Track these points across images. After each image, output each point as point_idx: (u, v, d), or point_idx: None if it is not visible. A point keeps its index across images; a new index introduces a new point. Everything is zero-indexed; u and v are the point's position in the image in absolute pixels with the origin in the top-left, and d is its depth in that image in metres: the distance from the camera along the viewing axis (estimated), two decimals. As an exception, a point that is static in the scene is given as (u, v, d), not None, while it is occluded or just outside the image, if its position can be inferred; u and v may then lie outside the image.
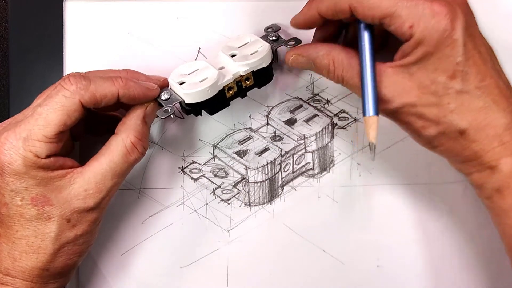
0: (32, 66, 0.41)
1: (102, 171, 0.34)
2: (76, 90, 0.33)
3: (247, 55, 0.37)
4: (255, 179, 0.42)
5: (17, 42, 0.41)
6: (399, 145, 0.42)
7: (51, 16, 0.41)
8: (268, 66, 0.38)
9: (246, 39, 0.39)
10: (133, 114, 0.36)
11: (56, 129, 0.32)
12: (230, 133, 0.42)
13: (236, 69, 0.37)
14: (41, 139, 0.32)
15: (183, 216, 0.42)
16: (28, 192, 0.33)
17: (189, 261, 0.42)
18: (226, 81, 0.37)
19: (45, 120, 0.32)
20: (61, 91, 0.33)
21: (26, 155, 0.32)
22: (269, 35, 0.39)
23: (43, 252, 0.34)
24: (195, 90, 0.36)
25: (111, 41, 0.42)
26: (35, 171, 0.33)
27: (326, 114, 0.42)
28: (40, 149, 0.32)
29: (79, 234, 0.35)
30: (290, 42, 0.39)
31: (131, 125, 0.35)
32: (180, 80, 0.37)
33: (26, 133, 0.32)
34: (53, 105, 0.33)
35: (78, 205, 0.34)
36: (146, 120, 0.36)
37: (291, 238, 0.42)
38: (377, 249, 0.42)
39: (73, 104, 0.33)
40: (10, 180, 0.33)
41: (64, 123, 0.33)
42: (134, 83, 0.35)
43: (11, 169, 0.32)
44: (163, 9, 0.42)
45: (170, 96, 0.37)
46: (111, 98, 0.34)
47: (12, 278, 0.34)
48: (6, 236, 0.34)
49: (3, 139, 0.33)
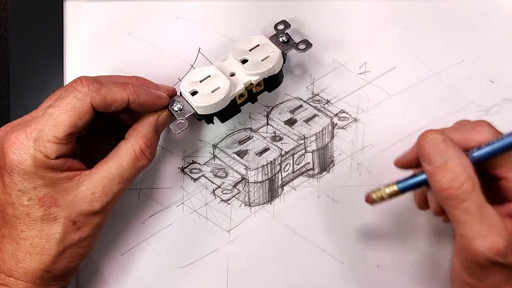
0: (32, 66, 0.41)
1: (110, 175, 0.34)
2: (87, 92, 0.33)
3: (258, 62, 0.37)
4: (255, 179, 0.42)
5: (17, 42, 0.41)
6: (398, 145, 0.42)
7: (51, 16, 0.41)
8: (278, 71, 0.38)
9: (256, 40, 0.38)
10: (145, 121, 0.36)
11: (67, 130, 0.32)
12: (230, 133, 0.42)
13: (247, 78, 0.37)
14: (52, 139, 0.32)
15: (183, 216, 0.42)
16: (36, 192, 0.33)
17: (189, 261, 0.42)
18: (237, 91, 0.37)
19: (56, 121, 0.32)
20: (72, 93, 0.33)
21: (37, 155, 0.32)
22: (280, 35, 0.39)
23: (47, 254, 0.34)
24: (207, 104, 0.36)
25: (111, 41, 0.42)
26: (44, 172, 0.33)
27: (326, 114, 0.42)
28: (50, 150, 0.32)
29: (83, 237, 0.35)
30: (301, 45, 0.39)
31: (142, 131, 0.36)
32: (192, 89, 0.37)
33: (37, 133, 0.32)
34: (64, 106, 0.33)
35: (85, 207, 0.34)
36: (157, 128, 0.36)
37: (291, 238, 0.42)
38: (377, 249, 0.42)
39: (84, 106, 0.33)
40: (18, 180, 0.33)
41: (75, 125, 0.33)
42: (144, 90, 0.35)
43: (20, 169, 0.32)
44: (163, 9, 0.42)
45: (183, 106, 0.37)
46: (121, 103, 0.34)
47: (14, 279, 0.34)
48: (11, 236, 0.34)
49: (13, 139, 0.32)
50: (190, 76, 0.37)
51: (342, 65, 0.42)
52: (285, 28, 0.39)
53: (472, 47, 0.41)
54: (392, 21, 0.42)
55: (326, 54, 0.42)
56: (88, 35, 0.42)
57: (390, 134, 0.42)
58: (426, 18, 0.42)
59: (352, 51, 0.42)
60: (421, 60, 0.42)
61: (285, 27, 0.39)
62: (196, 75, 0.37)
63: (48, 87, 0.41)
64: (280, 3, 0.42)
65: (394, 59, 0.42)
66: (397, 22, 0.42)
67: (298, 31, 0.42)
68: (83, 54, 0.42)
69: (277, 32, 0.39)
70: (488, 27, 0.42)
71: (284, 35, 0.39)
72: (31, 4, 0.41)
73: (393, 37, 0.42)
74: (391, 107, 0.42)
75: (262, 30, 0.42)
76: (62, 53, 0.41)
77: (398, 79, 0.42)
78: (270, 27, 0.42)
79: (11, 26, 0.41)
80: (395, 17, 0.42)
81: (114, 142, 0.36)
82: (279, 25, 0.40)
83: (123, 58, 0.42)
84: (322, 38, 0.42)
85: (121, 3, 0.42)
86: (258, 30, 0.42)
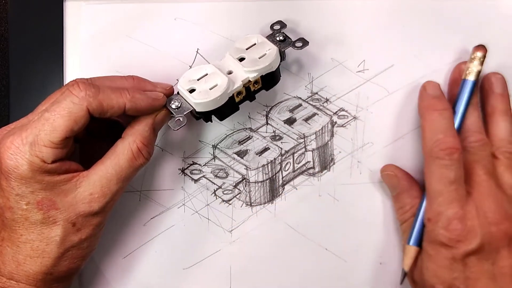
0: (32, 66, 0.41)
1: (107, 175, 0.34)
2: (84, 97, 0.33)
3: (256, 60, 0.37)
4: (255, 179, 0.42)
5: (17, 42, 0.41)
6: (399, 142, 0.42)
7: (51, 16, 0.41)
8: (276, 69, 0.38)
9: (253, 40, 0.38)
10: (142, 120, 0.36)
11: (63, 135, 0.32)
12: (229, 134, 0.42)
13: (245, 75, 0.37)
14: (48, 144, 0.32)
15: (184, 218, 0.42)
16: (34, 196, 0.33)
17: (192, 263, 0.42)
18: (235, 88, 0.37)
19: (52, 126, 0.32)
20: (69, 97, 0.33)
21: (33, 160, 0.32)
22: (276, 34, 0.39)
23: (48, 256, 0.34)
24: (206, 100, 0.36)
25: (111, 43, 0.42)
26: (41, 176, 0.32)
27: (326, 113, 0.42)
28: (46, 155, 0.32)
29: (84, 238, 0.35)
30: (298, 43, 0.39)
31: (139, 130, 0.35)
32: (189, 87, 0.37)
33: (33, 138, 0.32)
34: (60, 111, 0.32)
35: (83, 209, 0.34)
36: (154, 126, 0.36)
37: (293, 237, 0.42)
38: (379, 246, 0.42)
39: (80, 111, 0.32)
40: (15, 185, 0.32)
41: (71, 129, 0.32)
42: (141, 95, 0.35)
43: (17, 174, 0.32)
44: (162, 11, 0.42)
45: (181, 104, 0.37)
46: (117, 110, 0.34)
47: (16, 282, 0.33)
48: (10, 240, 0.34)
49: (8, 143, 0.32)
50: (188, 74, 0.37)
51: (341, 64, 0.42)
52: (281, 28, 0.39)
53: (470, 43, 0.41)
54: (390, 19, 0.43)
55: (324, 53, 0.42)
56: (88, 36, 0.42)
57: (390, 131, 0.42)
58: (424, 16, 0.42)
59: (350, 49, 0.42)
60: (419, 57, 0.42)
61: (281, 27, 0.40)
62: (194, 73, 0.37)
63: (48, 87, 0.41)
64: (278, 3, 0.42)
65: (392, 56, 0.42)
66: (396, 20, 0.42)
67: (295, 30, 0.42)
68: (83, 55, 0.41)
69: (273, 31, 0.39)
70: (486, 25, 0.42)
71: (281, 34, 0.39)
72: (31, 4, 0.41)
73: (392, 35, 0.42)
74: (390, 104, 0.42)
75: (260, 30, 0.42)
76: (62, 53, 0.41)
77: (397, 76, 0.42)
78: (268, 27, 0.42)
79: (11, 26, 0.41)
80: (394, 15, 0.43)
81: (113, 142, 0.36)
82: (275, 25, 0.40)
83: (123, 59, 0.42)
84: (320, 37, 0.42)
85: (120, 5, 0.42)
86: (257, 30, 0.42)
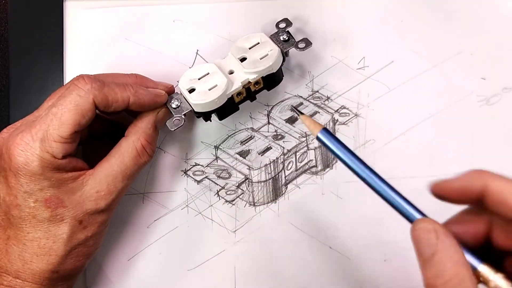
0: (32, 66, 0.41)
1: (113, 172, 0.34)
2: (90, 90, 0.33)
3: (257, 60, 0.37)
4: (258, 178, 0.42)
5: (17, 42, 0.41)
6: (401, 139, 0.42)
7: (51, 16, 0.41)
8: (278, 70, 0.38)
9: (256, 39, 0.38)
10: (145, 118, 0.36)
11: (71, 129, 0.33)
12: (231, 134, 0.42)
13: (245, 76, 0.37)
14: (57, 139, 0.32)
15: (188, 219, 0.42)
16: (42, 193, 0.33)
17: (196, 264, 0.42)
18: (235, 89, 0.37)
19: (60, 120, 0.32)
20: (75, 90, 0.33)
21: (43, 155, 0.32)
22: (280, 33, 0.39)
23: (55, 254, 0.34)
24: (204, 102, 0.36)
25: (111, 42, 0.42)
26: (51, 172, 0.33)
27: (327, 111, 0.42)
28: (56, 150, 0.32)
29: (90, 236, 0.35)
30: (301, 44, 0.38)
31: (142, 128, 0.36)
32: (190, 87, 0.37)
33: (42, 133, 0.32)
34: (67, 105, 0.33)
35: (90, 206, 0.34)
36: (156, 124, 0.37)
37: (297, 236, 0.42)
38: (383, 243, 0.42)
39: (87, 103, 0.33)
40: (24, 182, 0.32)
41: (79, 123, 0.33)
42: (144, 90, 0.36)
43: (26, 170, 0.32)
44: (160, 13, 0.42)
45: (180, 103, 0.37)
46: (122, 104, 0.34)
47: (21, 281, 0.33)
48: (17, 238, 0.34)
49: (18, 140, 0.32)
50: (189, 73, 0.37)
51: (341, 61, 0.42)
52: (286, 26, 0.39)
53: (469, 37, 0.41)
54: (388, 14, 0.43)
55: (324, 51, 0.42)
56: (87, 40, 0.42)
57: (392, 128, 0.42)
58: (422, 11, 0.42)
59: (350, 46, 0.42)
60: (419, 53, 0.42)
61: (287, 25, 0.39)
62: (195, 72, 0.37)
63: (48, 87, 0.41)
64: (277, 2, 0.42)
65: (392, 53, 0.42)
66: (394, 15, 0.42)
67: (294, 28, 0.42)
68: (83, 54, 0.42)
69: (278, 30, 0.39)
70: (485, 17, 0.42)
71: (285, 34, 0.39)
72: (31, 4, 0.41)
73: (390, 31, 0.42)
74: (391, 100, 0.42)
75: (260, 29, 0.42)
76: (62, 53, 0.41)
77: (397, 72, 0.42)
78: (268, 26, 0.42)
79: (11, 26, 0.41)
80: (392, 10, 0.43)
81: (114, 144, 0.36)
82: (281, 23, 0.40)
83: (122, 62, 0.42)
84: (319, 35, 0.42)
85: (118, 8, 0.42)
86: (256, 30, 0.42)
